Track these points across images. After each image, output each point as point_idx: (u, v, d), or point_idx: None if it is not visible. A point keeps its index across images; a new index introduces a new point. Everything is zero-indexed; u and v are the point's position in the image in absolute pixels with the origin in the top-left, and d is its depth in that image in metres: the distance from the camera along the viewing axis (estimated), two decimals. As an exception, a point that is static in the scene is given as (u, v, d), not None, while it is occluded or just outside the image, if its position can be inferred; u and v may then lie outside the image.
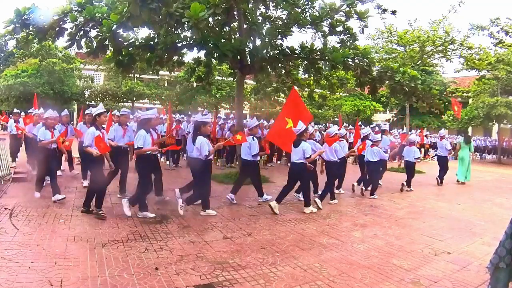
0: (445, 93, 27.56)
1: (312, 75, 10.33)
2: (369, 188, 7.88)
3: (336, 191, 7.61)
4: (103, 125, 5.62)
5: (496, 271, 2.50)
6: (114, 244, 4.12)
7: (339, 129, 8.30)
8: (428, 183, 10.36)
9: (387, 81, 8.97)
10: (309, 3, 8.97)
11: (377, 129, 17.50)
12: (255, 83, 15.69)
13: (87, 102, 26.79)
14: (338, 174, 7.39)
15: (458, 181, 10.87)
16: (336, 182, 7.52)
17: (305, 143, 6.05)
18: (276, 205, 5.97)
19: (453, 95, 28.63)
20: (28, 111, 10.12)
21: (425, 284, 3.50)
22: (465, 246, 4.75)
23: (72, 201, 6.00)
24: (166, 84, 30.05)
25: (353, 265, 3.90)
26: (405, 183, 8.87)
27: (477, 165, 13.09)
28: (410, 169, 9.03)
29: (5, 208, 5.28)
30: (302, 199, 6.47)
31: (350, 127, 14.93)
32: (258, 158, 6.89)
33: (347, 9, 8.52)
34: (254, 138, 6.58)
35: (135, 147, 5.25)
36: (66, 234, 4.37)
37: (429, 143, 20.27)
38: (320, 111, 28.91)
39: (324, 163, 7.13)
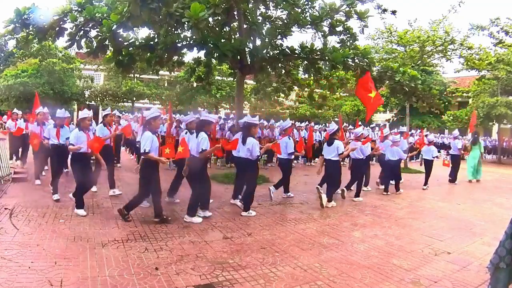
0: (445, 93, 27.56)
1: (312, 75, 10.33)
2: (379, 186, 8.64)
3: (364, 188, 8.13)
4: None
5: (496, 271, 2.50)
6: (114, 244, 4.12)
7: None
8: (429, 183, 10.34)
9: (387, 81, 8.98)
10: (309, 3, 8.97)
11: (377, 129, 17.52)
12: (255, 83, 15.68)
13: (87, 102, 26.79)
14: (364, 171, 7.96)
15: (469, 180, 11.39)
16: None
17: (338, 141, 6.71)
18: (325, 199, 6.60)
19: (453, 95, 28.66)
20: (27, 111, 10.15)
21: (425, 284, 3.50)
22: (465, 246, 4.75)
23: (72, 201, 5.99)
24: (166, 84, 30.06)
25: (353, 265, 3.90)
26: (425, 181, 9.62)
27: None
28: (429, 167, 9.71)
29: (5, 208, 5.28)
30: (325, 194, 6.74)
31: (350, 127, 14.91)
32: (293, 156, 7.43)
33: (347, 9, 8.52)
34: (290, 137, 7.27)
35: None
36: (66, 234, 4.37)
37: (441, 143, 20.69)
38: (320, 111, 28.89)
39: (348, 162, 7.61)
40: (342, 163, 7.67)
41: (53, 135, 6.36)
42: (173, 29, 8.02)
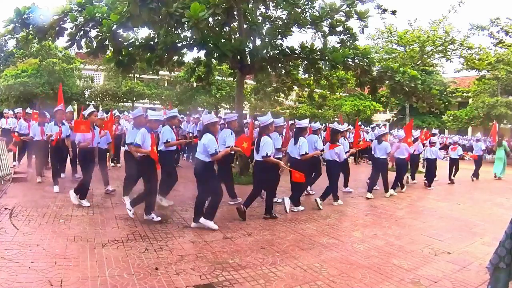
0: (445, 93, 27.56)
1: (312, 75, 10.34)
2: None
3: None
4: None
5: (496, 271, 2.50)
6: (114, 244, 4.12)
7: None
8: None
9: (387, 81, 8.98)
10: (309, 3, 8.98)
11: (377, 129, 17.50)
12: (255, 83, 15.70)
13: (87, 102, 26.78)
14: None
15: (495, 176, 12.55)
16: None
17: (385, 142, 7.65)
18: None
19: (453, 95, 28.66)
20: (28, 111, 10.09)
21: (425, 284, 3.50)
22: (465, 246, 4.74)
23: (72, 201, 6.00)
24: (166, 84, 30.03)
25: (353, 265, 3.90)
26: (452, 178, 10.76)
27: (473, 165, 13.15)
28: (457, 164, 10.82)
29: (5, 208, 5.28)
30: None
31: (350, 127, 14.93)
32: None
33: (347, 9, 8.53)
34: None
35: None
36: (66, 234, 4.37)
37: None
38: (320, 111, 28.89)
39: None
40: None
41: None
42: (173, 29, 8.03)
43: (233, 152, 6.16)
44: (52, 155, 7.16)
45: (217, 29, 9.10)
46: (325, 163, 7.27)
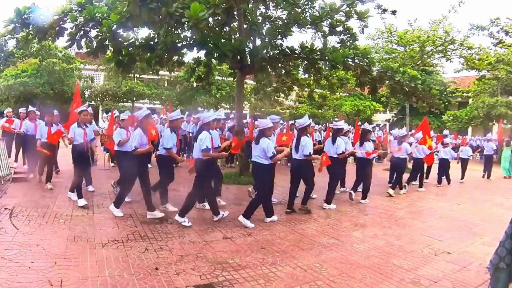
0: (445, 93, 27.52)
1: (312, 75, 10.32)
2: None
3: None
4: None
5: (496, 272, 2.50)
6: (114, 244, 4.12)
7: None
8: (429, 183, 10.37)
9: (387, 81, 8.97)
10: (309, 3, 8.96)
11: (377, 129, 17.51)
12: (255, 83, 15.69)
13: (87, 102, 26.75)
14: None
15: (505, 176, 13.01)
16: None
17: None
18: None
19: (453, 95, 28.63)
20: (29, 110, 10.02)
21: (425, 284, 3.50)
22: (465, 246, 4.75)
23: (72, 201, 6.00)
24: (166, 84, 30.01)
25: (353, 265, 3.90)
26: (463, 177, 11.33)
27: (477, 165, 13.23)
28: (466, 164, 11.52)
29: (5, 208, 5.28)
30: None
31: (350, 127, 14.92)
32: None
33: (347, 9, 8.52)
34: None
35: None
36: (66, 234, 4.37)
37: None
38: (320, 111, 28.86)
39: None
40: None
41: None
42: (173, 29, 8.02)
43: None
44: (76, 163, 5.97)
45: (217, 29, 9.09)
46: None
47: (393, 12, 9.26)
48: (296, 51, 8.51)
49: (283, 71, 10.81)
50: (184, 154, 12.87)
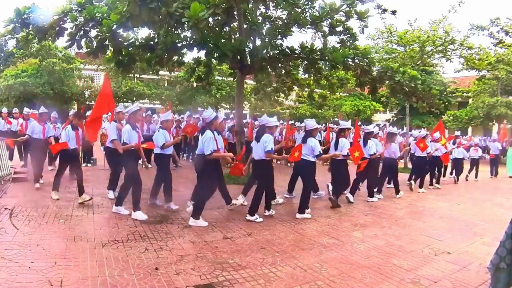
0: (445, 93, 27.52)
1: (312, 75, 10.33)
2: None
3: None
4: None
5: (497, 272, 2.50)
6: (114, 244, 4.12)
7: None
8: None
9: (387, 81, 8.97)
10: (309, 3, 8.97)
11: (377, 128, 17.50)
12: (255, 83, 15.69)
13: (87, 102, 26.75)
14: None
15: (510, 176, 13.34)
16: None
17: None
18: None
19: (453, 95, 28.63)
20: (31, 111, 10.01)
21: (425, 284, 3.50)
22: (465, 246, 4.75)
23: (72, 201, 6.00)
24: (166, 84, 30.02)
25: (353, 265, 3.90)
26: (473, 175, 12.03)
27: (484, 165, 13.26)
28: (477, 164, 12.05)
29: (5, 208, 5.28)
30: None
31: (351, 127, 14.92)
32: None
33: (347, 9, 8.51)
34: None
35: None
36: (66, 234, 4.37)
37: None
38: (320, 111, 28.88)
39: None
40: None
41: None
42: (173, 29, 8.02)
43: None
44: (128, 169, 5.45)
45: (217, 29, 9.10)
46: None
47: (393, 12, 9.26)
48: (296, 51, 8.51)
49: (283, 71, 10.81)
50: (184, 154, 12.89)
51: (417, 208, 7.07)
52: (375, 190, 7.69)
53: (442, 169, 10.63)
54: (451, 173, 11.57)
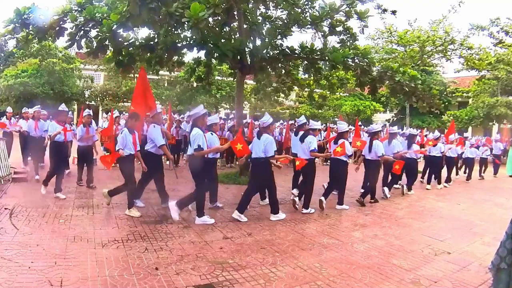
0: (445, 93, 27.53)
1: (312, 75, 10.33)
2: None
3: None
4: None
5: (498, 272, 2.50)
6: (114, 244, 4.12)
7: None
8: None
9: (387, 81, 8.97)
10: (309, 3, 8.97)
11: (384, 126, 17.52)
12: (255, 83, 15.70)
13: (87, 102, 26.76)
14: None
15: (510, 175, 13.61)
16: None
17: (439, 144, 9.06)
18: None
19: (453, 95, 28.63)
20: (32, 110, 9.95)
21: (425, 284, 3.50)
22: (465, 246, 4.75)
23: (72, 201, 6.01)
24: (166, 84, 30.03)
25: (353, 265, 3.90)
26: (482, 174, 12.43)
27: (477, 165, 13.25)
28: (486, 163, 12.57)
29: (5, 208, 5.28)
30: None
31: (350, 127, 14.92)
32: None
33: (347, 9, 8.51)
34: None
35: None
36: (66, 234, 4.37)
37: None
38: (320, 111, 28.85)
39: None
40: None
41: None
42: (173, 29, 8.03)
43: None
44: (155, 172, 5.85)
45: (217, 29, 9.10)
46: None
47: (393, 12, 9.26)
48: (296, 51, 8.51)
49: (283, 71, 10.81)
50: (184, 154, 12.87)
51: (417, 208, 7.07)
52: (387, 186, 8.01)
53: (454, 168, 11.24)
54: (464, 172, 12.10)
